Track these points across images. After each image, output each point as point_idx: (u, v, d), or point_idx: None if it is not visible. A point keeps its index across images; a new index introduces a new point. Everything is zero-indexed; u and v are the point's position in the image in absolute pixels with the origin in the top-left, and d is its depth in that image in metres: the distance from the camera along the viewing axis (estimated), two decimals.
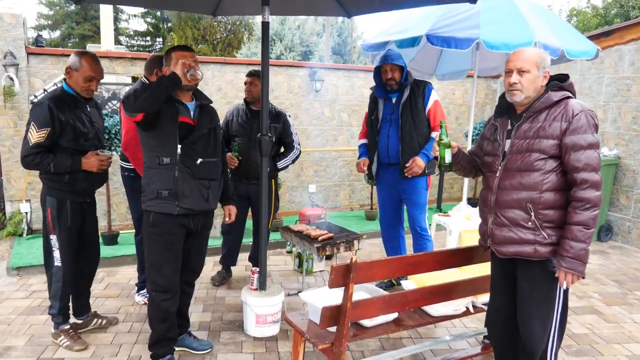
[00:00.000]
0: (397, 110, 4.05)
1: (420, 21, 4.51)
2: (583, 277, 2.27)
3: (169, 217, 2.87)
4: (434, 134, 3.99)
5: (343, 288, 2.44)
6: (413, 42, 4.33)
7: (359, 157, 4.35)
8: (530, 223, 2.33)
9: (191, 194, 2.88)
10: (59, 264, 3.22)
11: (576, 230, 2.21)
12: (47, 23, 25.14)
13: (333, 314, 2.47)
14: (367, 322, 2.73)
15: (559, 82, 2.37)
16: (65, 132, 3.08)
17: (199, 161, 2.88)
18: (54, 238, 3.20)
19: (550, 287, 2.35)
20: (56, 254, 3.21)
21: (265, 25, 3.38)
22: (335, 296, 2.60)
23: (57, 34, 25.01)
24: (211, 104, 3.12)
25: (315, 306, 2.64)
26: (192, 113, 2.94)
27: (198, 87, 3.03)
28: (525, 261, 2.39)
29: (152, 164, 2.87)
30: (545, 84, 2.37)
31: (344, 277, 2.38)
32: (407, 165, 4.00)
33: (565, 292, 2.39)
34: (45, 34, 24.81)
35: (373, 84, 4.19)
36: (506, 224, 2.40)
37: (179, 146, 2.83)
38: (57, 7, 24.75)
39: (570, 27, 5.08)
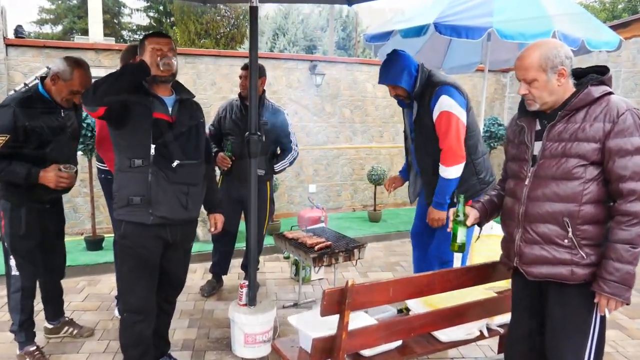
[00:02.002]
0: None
1: (428, 9, 4.14)
2: (627, 304, 1.91)
3: (142, 228, 2.52)
4: (442, 170, 3.17)
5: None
6: (419, 31, 3.94)
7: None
8: (566, 240, 1.97)
9: (166, 201, 2.52)
10: (16, 273, 2.90)
11: (622, 249, 1.86)
12: (49, 17, 24.88)
13: (326, 346, 2.10)
14: (367, 352, 2.37)
15: (599, 75, 2.00)
16: (30, 139, 2.74)
17: (175, 163, 2.53)
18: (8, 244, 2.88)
19: (587, 314, 2.00)
20: (12, 262, 2.89)
21: (253, 10, 3.04)
22: (331, 320, 2.24)
23: (59, 28, 24.76)
24: (194, 99, 2.77)
25: (307, 334, 2.28)
26: (170, 109, 2.59)
27: (191, 82, 2.68)
28: (558, 284, 2.03)
29: (123, 166, 2.53)
30: (568, 78, 1.99)
31: (338, 303, 2.01)
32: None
33: (603, 318, 2.03)
34: (47, 28, 24.62)
35: (376, 78, 3.77)
36: (537, 241, 2.03)
37: (153, 146, 2.47)
38: (59, 1, 24.48)
39: (590, 15, 4.68)
